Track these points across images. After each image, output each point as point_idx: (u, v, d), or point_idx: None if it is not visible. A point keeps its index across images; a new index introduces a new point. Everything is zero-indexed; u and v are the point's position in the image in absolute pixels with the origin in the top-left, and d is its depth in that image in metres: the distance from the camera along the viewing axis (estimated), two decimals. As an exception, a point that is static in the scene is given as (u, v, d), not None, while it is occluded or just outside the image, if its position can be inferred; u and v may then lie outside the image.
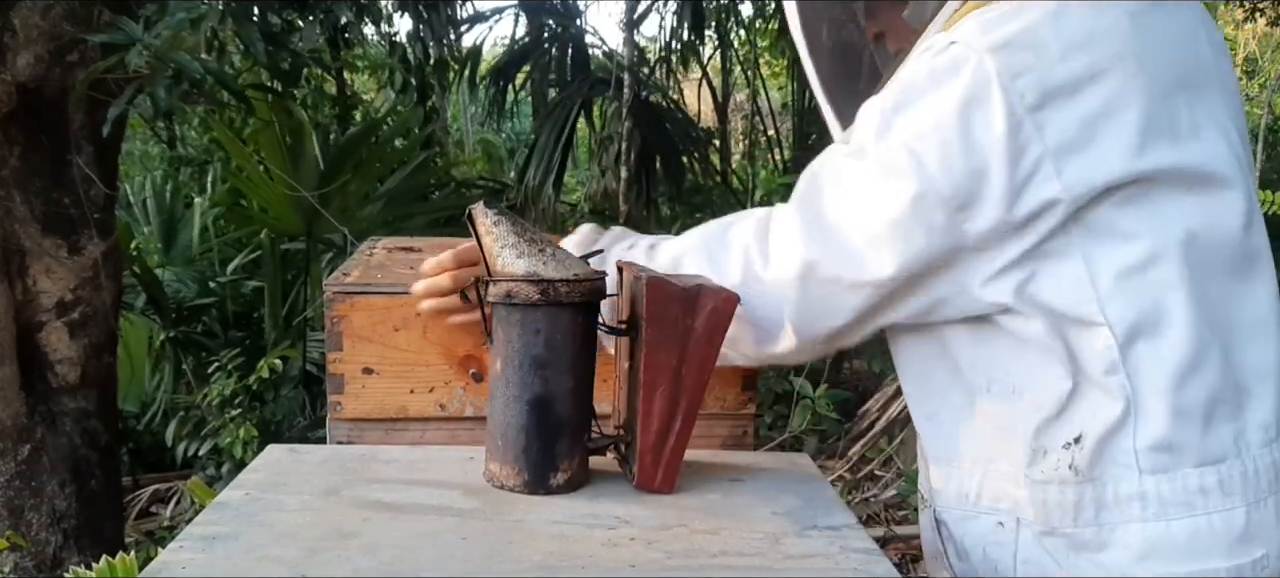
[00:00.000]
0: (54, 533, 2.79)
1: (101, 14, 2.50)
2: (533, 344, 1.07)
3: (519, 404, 1.08)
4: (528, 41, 7.23)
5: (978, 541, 1.11)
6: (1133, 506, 1.03)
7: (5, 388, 2.69)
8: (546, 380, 1.07)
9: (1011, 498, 1.08)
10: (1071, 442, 1.03)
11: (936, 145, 0.98)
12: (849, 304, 1.06)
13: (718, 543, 1.02)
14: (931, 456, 1.16)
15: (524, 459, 1.09)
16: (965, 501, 1.12)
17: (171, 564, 0.95)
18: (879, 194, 1.01)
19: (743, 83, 8.31)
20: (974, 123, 0.96)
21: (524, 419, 1.08)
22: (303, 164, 4.64)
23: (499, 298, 1.08)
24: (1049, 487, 1.05)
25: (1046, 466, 1.05)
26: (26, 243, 2.71)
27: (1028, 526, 1.07)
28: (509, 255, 1.07)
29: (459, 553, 0.98)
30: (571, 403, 1.09)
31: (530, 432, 1.08)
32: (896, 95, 1.02)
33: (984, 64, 0.96)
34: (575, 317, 1.07)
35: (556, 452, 1.09)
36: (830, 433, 4.25)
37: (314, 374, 4.31)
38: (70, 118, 2.69)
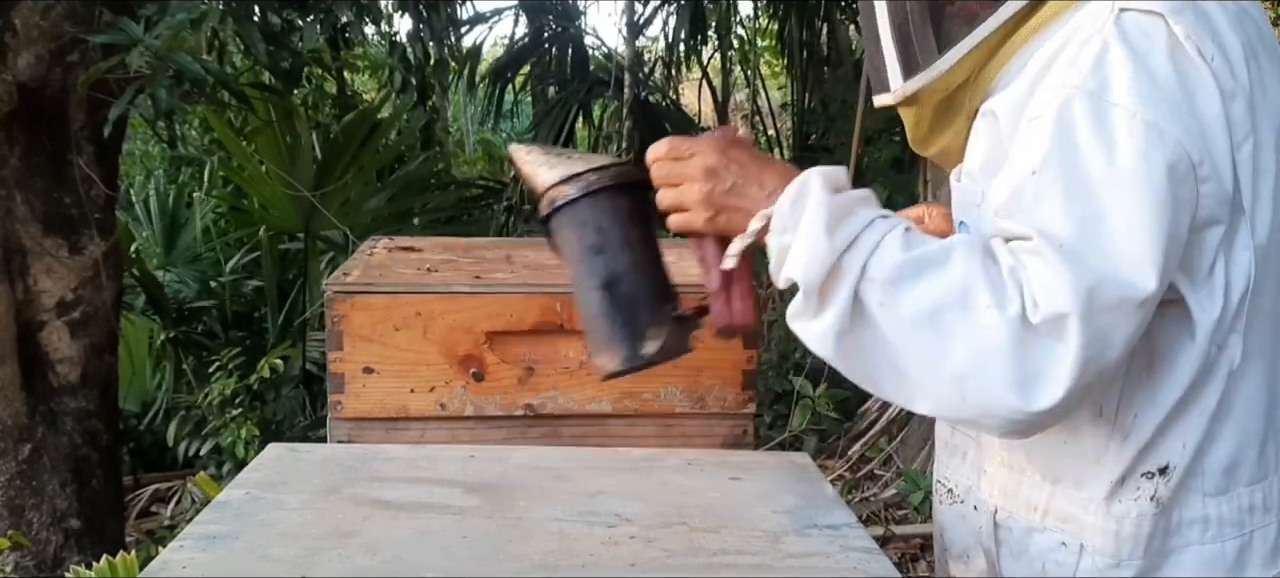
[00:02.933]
0: (55, 532, 2.79)
1: (102, 14, 2.50)
2: (585, 235, 1.10)
3: (593, 293, 1.10)
4: (527, 42, 7.24)
5: (1039, 555, 1.09)
6: (1193, 529, 1.04)
7: (6, 388, 2.69)
8: (607, 262, 1.10)
9: (1079, 522, 1.06)
10: (1155, 472, 1.03)
11: (1168, 110, 0.92)
12: (1127, 332, 0.93)
13: (718, 542, 1.02)
14: (1004, 460, 1.12)
15: (613, 341, 1.10)
16: (1033, 512, 1.09)
17: (172, 563, 0.95)
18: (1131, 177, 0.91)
19: (743, 83, 8.31)
20: (1195, 88, 0.94)
21: (601, 305, 1.10)
22: (301, 162, 4.65)
23: (548, 208, 1.12)
24: (1126, 519, 1.04)
25: (1127, 497, 1.04)
26: (27, 243, 2.71)
27: (1091, 554, 1.05)
28: (544, 172, 1.12)
29: (459, 551, 0.98)
30: (637, 278, 1.11)
31: (609, 314, 1.10)
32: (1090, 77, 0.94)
33: (1174, 30, 0.94)
34: (614, 198, 1.10)
35: (639, 325, 1.09)
36: (830, 432, 4.25)
37: (315, 374, 4.31)
38: (71, 118, 2.69)
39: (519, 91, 7.78)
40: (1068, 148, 0.93)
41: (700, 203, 1.04)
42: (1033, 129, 0.96)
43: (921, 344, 0.93)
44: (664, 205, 1.08)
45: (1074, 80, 0.94)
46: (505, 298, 1.38)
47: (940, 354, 0.92)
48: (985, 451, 1.14)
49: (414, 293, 1.37)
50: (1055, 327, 0.90)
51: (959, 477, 1.19)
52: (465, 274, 1.47)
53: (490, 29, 11.16)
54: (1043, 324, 0.90)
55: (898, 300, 0.94)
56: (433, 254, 1.63)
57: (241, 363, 4.03)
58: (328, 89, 6.03)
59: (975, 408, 0.94)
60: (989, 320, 0.91)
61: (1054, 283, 0.90)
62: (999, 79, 1.06)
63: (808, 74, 7.01)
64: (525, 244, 1.82)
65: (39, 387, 2.78)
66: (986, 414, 0.94)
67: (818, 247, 0.95)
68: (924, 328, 0.93)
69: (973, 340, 0.91)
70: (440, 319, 1.37)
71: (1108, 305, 0.90)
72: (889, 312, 0.94)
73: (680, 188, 1.06)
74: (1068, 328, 0.89)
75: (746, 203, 1.03)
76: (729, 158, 1.05)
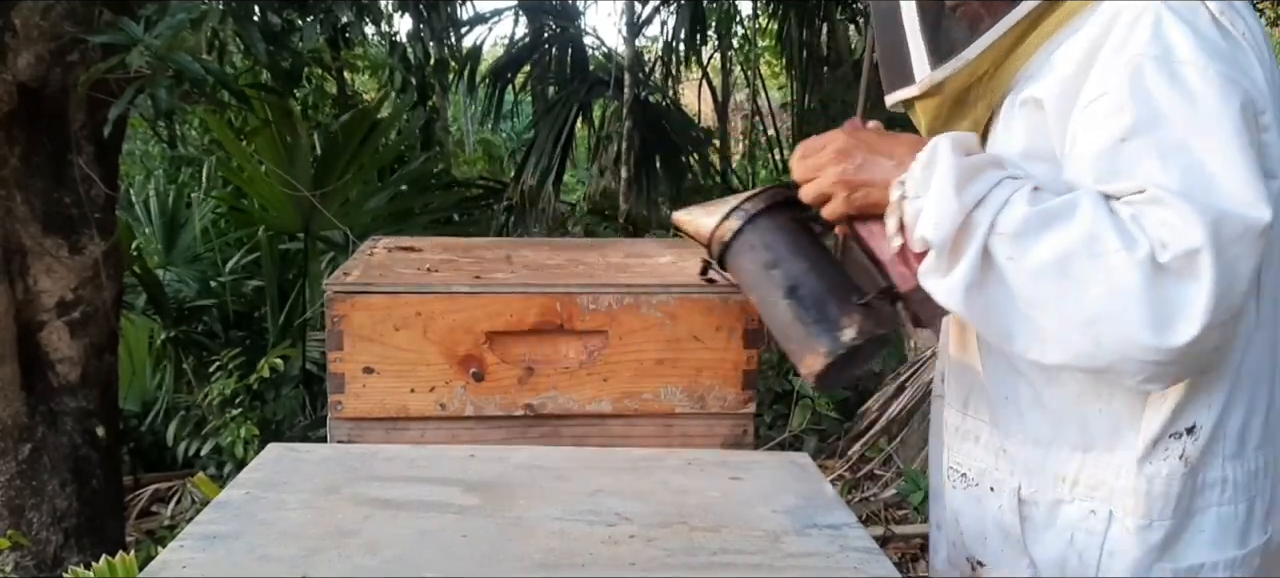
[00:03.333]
0: (55, 532, 2.79)
1: (102, 14, 2.50)
2: (757, 255, 1.19)
3: (779, 305, 1.18)
4: (527, 42, 7.24)
5: (1067, 526, 1.13)
6: (1214, 491, 1.10)
7: (6, 387, 2.69)
8: (784, 272, 1.18)
9: (1109, 487, 1.10)
10: (1182, 432, 1.08)
11: (1230, 63, 0.99)
12: (1250, 264, 0.95)
13: (718, 541, 1.02)
14: (1028, 436, 1.15)
15: (812, 338, 1.15)
16: (1062, 484, 1.13)
17: (172, 563, 0.95)
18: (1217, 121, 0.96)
19: (743, 83, 8.31)
20: (1239, 53, 1.01)
21: (790, 311, 1.17)
22: (300, 162, 4.65)
23: (719, 248, 1.22)
24: (1156, 479, 1.09)
25: (1158, 458, 1.08)
26: (27, 242, 2.71)
27: (1119, 519, 1.10)
28: (704, 220, 1.23)
29: (459, 551, 0.98)
30: (816, 277, 1.17)
31: (800, 316, 1.16)
32: (1152, 44, 0.99)
33: (1210, 7, 1.02)
34: (773, 216, 1.20)
35: (830, 316, 1.15)
36: (830, 432, 4.25)
37: (315, 374, 4.31)
38: (71, 118, 2.69)
39: (519, 92, 7.78)
40: (1150, 111, 0.97)
41: (836, 183, 1.11)
42: (1100, 107, 1.00)
43: (1053, 293, 0.96)
44: (809, 197, 1.15)
45: (1136, 51, 0.99)
46: (505, 298, 1.38)
47: (1072, 302, 0.95)
48: (1005, 430, 1.17)
49: (414, 293, 1.37)
50: (1187, 263, 0.92)
51: (972, 460, 1.22)
52: (465, 274, 1.47)
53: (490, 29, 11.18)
54: (1174, 262, 0.92)
55: (1027, 252, 0.96)
56: (433, 254, 1.64)
57: (241, 363, 4.03)
58: (328, 89, 6.03)
59: (1111, 353, 0.95)
60: (1119, 263, 0.93)
61: (1180, 222, 0.92)
62: (1025, 69, 1.11)
63: (808, 74, 7.01)
64: (525, 244, 1.82)
65: (39, 387, 2.78)
66: (1123, 358, 0.96)
67: (947, 205, 0.99)
68: (1054, 277, 0.96)
69: (1104, 285, 0.94)
70: (440, 319, 1.37)
71: (1233, 238, 0.93)
72: (1018, 264, 0.97)
73: (818, 177, 1.13)
74: (1200, 263, 0.92)
75: (878, 174, 1.09)
76: (856, 139, 1.12)
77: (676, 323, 1.40)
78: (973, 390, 1.22)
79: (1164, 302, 0.93)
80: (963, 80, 1.13)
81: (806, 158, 1.15)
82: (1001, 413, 1.17)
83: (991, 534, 1.19)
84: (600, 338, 1.40)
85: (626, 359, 1.41)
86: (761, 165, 7.41)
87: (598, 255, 1.67)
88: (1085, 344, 0.97)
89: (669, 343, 1.40)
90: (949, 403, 1.26)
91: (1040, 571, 1.15)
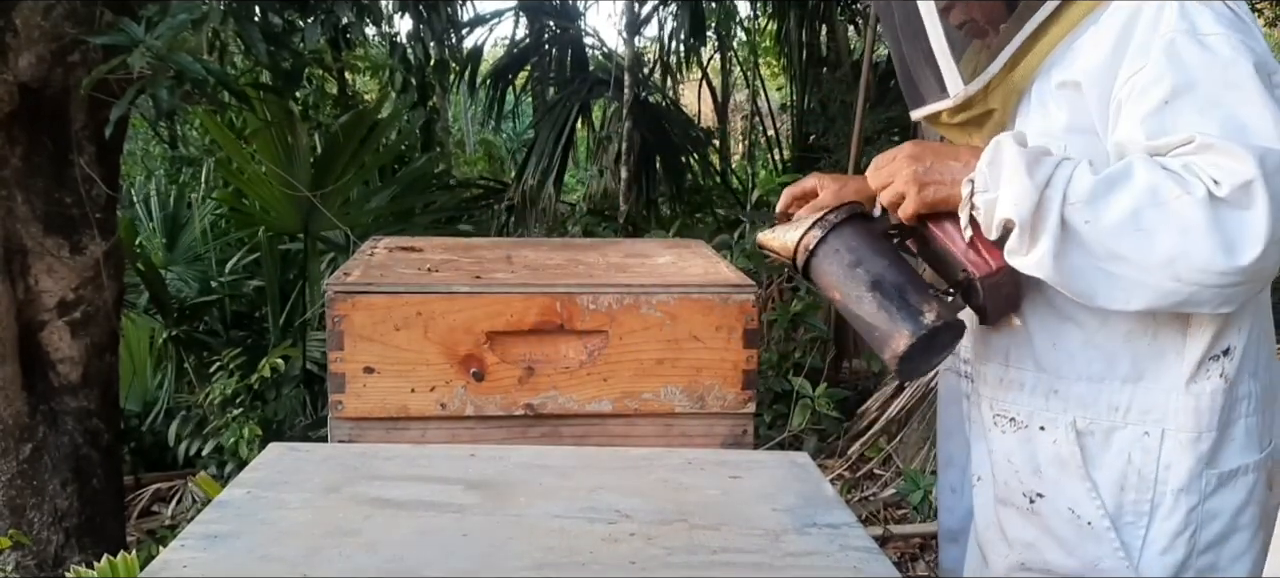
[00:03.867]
0: (56, 532, 2.80)
1: (103, 15, 2.50)
2: (841, 258, 1.32)
3: (864, 297, 1.30)
4: (528, 43, 7.24)
5: (1123, 449, 1.28)
6: (1244, 404, 1.29)
7: (7, 387, 2.69)
8: (867, 269, 1.31)
9: (1161, 409, 1.27)
10: (1220, 354, 1.26)
11: (1244, 32, 1.16)
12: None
13: (718, 539, 1.03)
14: (1081, 376, 1.30)
15: (897, 322, 1.28)
16: (1114, 413, 1.29)
17: (173, 563, 0.96)
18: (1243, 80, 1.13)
19: (742, 83, 8.31)
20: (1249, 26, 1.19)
21: (874, 302, 1.29)
22: (300, 163, 4.65)
23: (805, 256, 1.34)
24: (1203, 395, 1.26)
25: (1203, 377, 1.26)
26: (28, 242, 2.71)
27: (1172, 434, 1.26)
28: (788, 235, 1.36)
29: (460, 549, 0.98)
30: (896, 271, 1.31)
31: (884, 305, 1.29)
32: (1180, 22, 1.16)
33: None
34: (853, 223, 1.34)
35: (911, 303, 1.28)
36: (830, 432, 4.26)
37: (315, 373, 4.32)
38: (72, 118, 2.69)
39: (519, 92, 7.79)
40: (1186, 77, 1.14)
41: (910, 182, 1.26)
42: (1142, 78, 1.17)
43: (1130, 244, 1.12)
44: (887, 199, 1.31)
45: (1168, 28, 1.17)
46: (505, 298, 1.39)
47: (1149, 247, 1.11)
48: (1054, 372, 1.32)
49: (414, 293, 1.38)
50: (1243, 193, 1.08)
51: (1020, 405, 1.36)
52: (465, 274, 1.47)
53: (490, 30, 11.18)
54: (1231, 194, 1.09)
55: (1100, 214, 1.13)
56: (433, 254, 1.64)
57: (242, 363, 4.03)
58: (328, 90, 6.03)
59: (1191, 284, 1.12)
60: (1182, 206, 1.09)
61: (1230, 161, 1.09)
62: (1048, 60, 1.28)
63: (807, 74, 7.02)
64: (525, 244, 1.82)
65: (40, 386, 2.79)
66: (1201, 287, 1.12)
67: (1023, 187, 1.14)
68: (1129, 230, 1.12)
69: (1174, 225, 1.10)
70: (441, 319, 1.37)
71: (1276, 167, 1.08)
72: (1094, 226, 1.13)
73: (893, 183, 1.28)
74: (1254, 191, 1.08)
75: (948, 174, 1.25)
76: (924, 148, 1.29)
77: (676, 323, 1.40)
78: (1014, 344, 1.36)
79: (1228, 230, 1.09)
80: (992, 85, 1.30)
81: (881, 168, 1.31)
82: (1049, 359, 1.33)
83: (1047, 466, 1.33)
84: (600, 338, 1.40)
85: (626, 359, 1.41)
86: (761, 165, 7.41)
87: (598, 255, 1.67)
88: (1166, 282, 1.12)
89: (669, 343, 1.41)
90: (989, 359, 1.39)
91: (1101, 491, 1.29)
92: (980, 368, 1.42)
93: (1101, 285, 1.16)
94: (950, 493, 1.57)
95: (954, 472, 1.56)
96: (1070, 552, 1.31)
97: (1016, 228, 1.16)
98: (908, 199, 1.27)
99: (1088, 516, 1.30)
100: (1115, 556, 1.29)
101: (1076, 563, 1.31)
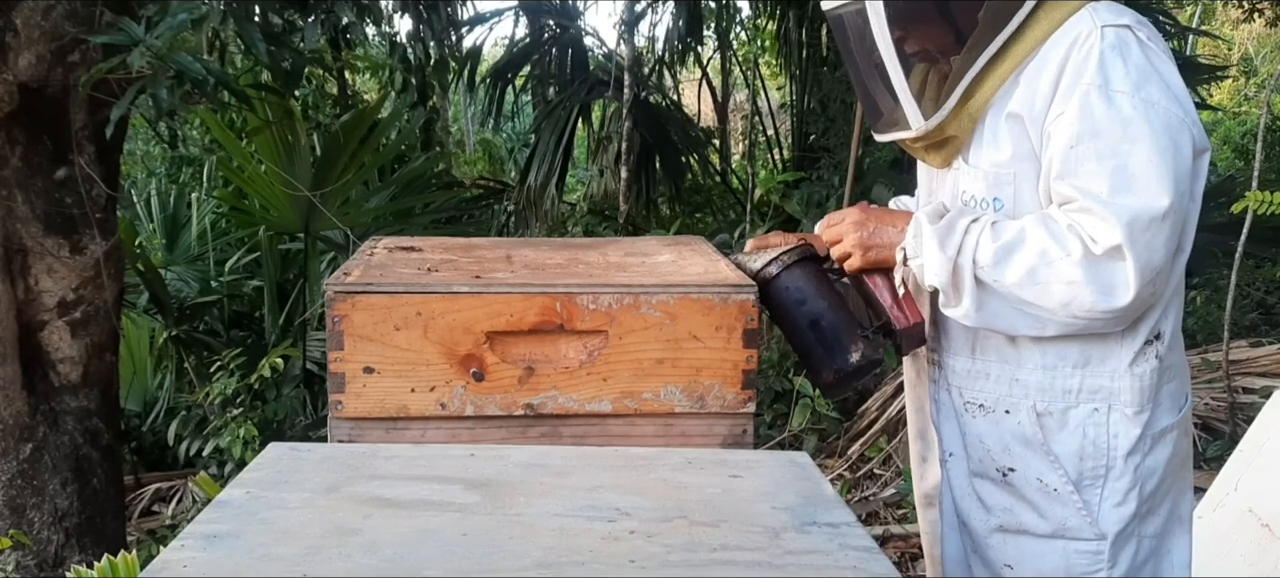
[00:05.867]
0: (56, 532, 2.80)
1: (103, 14, 2.50)
2: (789, 294, 1.55)
3: (804, 333, 1.56)
4: (528, 43, 7.24)
5: (1078, 424, 1.50)
6: (1166, 374, 1.51)
7: (7, 387, 2.70)
8: (808, 308, 1.55)
9: (1107, 389, 1.49)
10: (1154, 338, 1.49)
11: (1153, 87, 1.36)
12: (1162, 239, 1.34)
13: (718, 537, 1.03)
14: (1037, 365, 1.51)
15: (827, 359, 1.54)
16: (1068, 395, 1.50)
17: (173, 563, 0.96)
18: (1139, 135, 1.34)
19: (742, 83, 8.31)
20: (1163, 69, 1.39)
21: (812, 337, 1.55)
22: (301, 162, 4.65)
23: (760, 285, 1.49)
24: (1143, 375, 1.48)
25: (1142, 360, 1.48)
26: (28, 242, 2.71)
27: (1118, 409, 1.49)
28: (752, 263, 1.58)
29: (460, 549, 0.98)
30: (832, 314, 1.56)
31: (820, 342, 1.55)
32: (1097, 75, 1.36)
33: (1139, 35, 1.40)
34: (802, 265, 1.56)
35: (843, 343, 1.54)
36: (830, 432, 4.26)
37: (315, 373, 4.32)
38: (72, 118, 2.69)
39: (519, 92, 7.78)
40: (1092, 126, 1.36)
41: (856, 245, 1.53)
42: (1064, 120, 1.38)
43: (1032, 294, 1.39)
44: (836, 255, 1.57)
45: (1086, 80, 1.38)
46: (505, 298, 1.39)
47: (1046, 295, 1.39)
48: (1015, 365, 1.53)
49: (414, 293, 1.38)
50: (1114, 253, 1.34)
51: (987, 393, 1.56)
52: (465, 274, 1.47)
53: (490, 30, 11.16)
54: (1104, 253, 1.34)
55: (1003, 274, 1.40)
56: (433, 254, 1.64)
57: (242, 362, 4.04)
58: (329, 89, 6.03)
59: (1084, 321, 1.39)
60: (1064, 266, 1.36)
61: (1103, 227, 1.34)
62: (1000, 91, 1.46)
63: (807, 74, 7.01)
64: (525, 243, 1.82)
65: (40, 386, 2.79)
66: (1093, 321, 1.40)
67: (939, 261, 1.43)
68: (1027, 284, 1.39)
69: (1062, 279, 1.37)
70: (440, 319, 1.37)
71: (1144, 227, 1.33)
72: (1001, 283, 1.41)
73: (841, 242, 1.55)
74: (1123, 251, 1.33)
75: (887, 239, 1.52)
76: (868, 214, 1.55)
77: (676, 323, 1.40)
78: (979, 339, 1.56)
79: (1104, 280, 1.36)
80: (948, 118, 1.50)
81: (832, 226, 1.58)
82: (1009, 353, 1.53)
83: (1013, 444, 1.54)
84: (600, 338, 1.40)
85: (626, 359, 1.41)
86: (761, 165, 7.41)
87: (598, 254, 1.67)
88: (1066, 319, 1.40)
89: (669, 343, 1.41)
90: (957, 353, 1.59)
91: (1063, 462, 1.50)
92: (950, 361, 1.61)
93: (1019, 322, 1.43)
94: (922, 462, 1.76)
95: (924, 443, 1.74)
96: (1042, 515, 1.53)
97: (941, 291, 1.44)
98: (853, 257, 1.54)
99: (1053, 484, 1.52)
100: (1079, 515, 1.51)
101: (1048, 525, 1.53)
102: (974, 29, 1.45)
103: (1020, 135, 1.45)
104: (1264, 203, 2.90)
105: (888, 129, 1.59)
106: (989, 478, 1.57)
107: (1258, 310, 5.69)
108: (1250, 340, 4.42)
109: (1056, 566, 1.53)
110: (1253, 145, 6.70)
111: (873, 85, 1.57)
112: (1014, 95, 1.45)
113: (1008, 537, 1.56)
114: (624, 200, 6.46)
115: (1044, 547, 1.54)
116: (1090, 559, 1.52)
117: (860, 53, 1.57)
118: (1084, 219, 1.35)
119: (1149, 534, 1.56)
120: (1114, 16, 1.41)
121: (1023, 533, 1.55)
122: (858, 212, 1.55)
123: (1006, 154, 1.47)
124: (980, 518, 1.59)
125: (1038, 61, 1.43)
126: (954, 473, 1.63)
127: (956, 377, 1.60)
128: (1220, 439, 3.79)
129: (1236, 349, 4.18)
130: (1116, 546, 1.52)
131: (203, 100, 2.98)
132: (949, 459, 1.64)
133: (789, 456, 1.32)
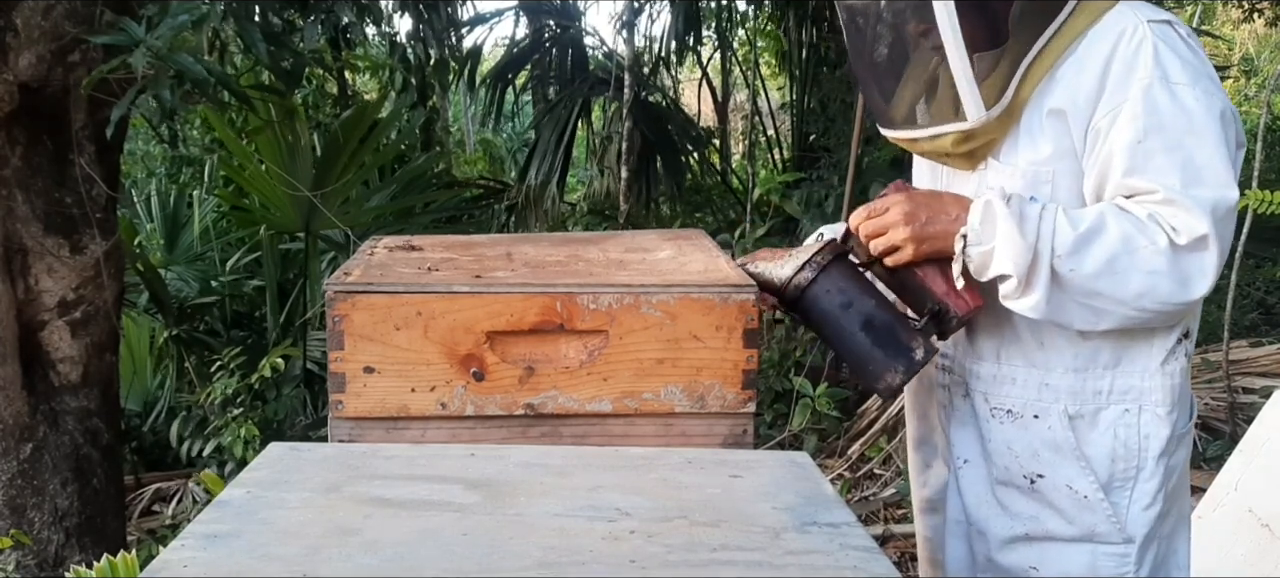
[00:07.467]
0: (56, 532, 2.80)
1: (103, 14, 2.50)
2: (832, 298, 1.47)
3: (857, 336, 1.46)
4: (528, 43, 7.24)
5: (1109, 425, 1.48)
6: (1187, 375, 1.51)
7: (7, 387, 2.70)
8: (858, 310, 1.46)
9: (1139, 389, 1.48)
10: (1183, 338, 1.49)
11: (1207, 78, 1.36)
12: (1230, 231, 1.35)
13: (718, 537, 1.03)
14: (1069, 368, 1.49)
15: (891, 360, 1.45)
16: (1099, 396, 1.49)
17: (173, 562, 0.96)
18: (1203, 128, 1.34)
19: (742, 83, 8.31)
20: (1207, 65, 1.38)
21: (868, 340, 1.46)
22: (301, 162, 4.65)
23: (796, 293, 1.47)
24: (1173, 374, 1.48)
25: (1173, 359, 1.48)
26: (28, 242, 2.71)
27: (1149, 408, 1.48)
28: (777, 271, 1.49)
29: (460, 549, 0.98)
30: (884, 312, 1.47)
31: (878, 344, 1.45)
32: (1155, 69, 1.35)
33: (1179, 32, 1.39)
34: (840, 265, 1.48)
35: (903, 341, 1.45)
36: (830, 432, 4.26)
37: (316, 373, 4.32)
38: (72, 118, 2.69)
39: (520, 92, 7.78)
40: (1157, 121, 1.35)
41: (909, 239, 1.42)
42: (1125, 116, 1.36)
43: (1106, 285, 1.36)
44: (879, 249, 1.46)
45: (1143, 75, 1.36)
46: (506, 298, 1.39)
47: (1122, 287, 1.35)
48: (1043, 368, 1.50)
49: (415, 293, 1.38)
50: (1199, 243, 1.33)
51: (1014, 397, 1.53)
52: (465, 273, 1.47)
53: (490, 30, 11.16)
54: (1189, 244, 1.33)
55: (1082, 263, 1.35)
56: (433, 253, 1.64)
57: (243, 362, 4.04)
58: (329, 89, 6.03)
59: (1150, 313, 1.37)
60: (1149, 255, 1.34)
61: (1188, 217, 1.32)
62: (1039, 88, 1.42)
63: (807, 74, 7.01)
64: (525, 240, 1.82)
65: (40, 386, 2.79)
66: (1157, 315, 1.38)
67: (1018, 246, 1.35)
68: (1105, 275, 1.35)
69: (1143, 269, 1.34)
70: (441, 319, 1.37)
71: (1223, 215, 1.33)
72: (1077, 273, 1.36)
73: (887, 234, 1.44)
74: (1208, 241, 1.33)
75: (942, 227, 1.42)
76: (916, 202, 1.44)
77: (676, 322, 1.40)
78: (1004, 344, 1.53)
79: (1184, 271, 1.34)
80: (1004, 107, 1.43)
81: (872, 218, 1.46)
82: (1038, 357, 1.51)
83: (1043, 451, 1.51)
84: (600, 338, 1.40)
85: (626, 359, 1.41)
86: (761, 165, 7.41)
87: (598, 250, 1.67)
88: (1132, 312, 1.38)
89: (669, 343, 1.41)
90: (981, 359, 1.56)
91: (1093, 466, 1.49)
92: (972, 367, 1.57)
93: (1078, 315, 1.39)
94: (925, 468, 1.72)
95: (927, 449, 1.71)
96: (1070, 521, 1.51)
97: (1013, 279, 1.36)
98: (904, 250, 1.43)
99: (1083, 490, 1.49)
100: (1108, 521, 1.49)
101: (1076, 530, 1.51)
102: (1017, 22, 1.40)
103: (1061, 132, 1.42)
104: (1264, 202, 2.90)
105: (906, 127, 1.53)
106: (1014, 485, 1.54)
107: (1258, 310, 5.70)
108: (1250, 340, 4.43)
109: (1083, 566, 1.52)
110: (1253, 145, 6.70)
111: (890, 80, 1.51)
112: (1053, 92, 1.42)
113: (1033, 543, 1.54)
114: (624, 200, 6.46)
115: (1070, 549, 1.52)
116: (1118, 561, 1.51)
117: (889, 45, 1.49)
118: (1166, 210, 1.33)
119: (1165, 535, 1.55)
120: (1154, 13, 1.39)
121: (1049, 539, 1.53)
122: (904, 201, 1.44)
123: (1046, 152, 1.43)
124: (1001, 525, 1.56)
125: (1077, 58, 1.40)
126: (968, 480, 1.60)
127: (981, 382, 1.56)
128: (1220, 439, 3.80)
129: (1236, 349, 4.19)
130: (1143, 548, 1.50)
131: (203, 100, 2.98)
132: (963, 466, 1.60)
133: (789, 455, 1.32)
